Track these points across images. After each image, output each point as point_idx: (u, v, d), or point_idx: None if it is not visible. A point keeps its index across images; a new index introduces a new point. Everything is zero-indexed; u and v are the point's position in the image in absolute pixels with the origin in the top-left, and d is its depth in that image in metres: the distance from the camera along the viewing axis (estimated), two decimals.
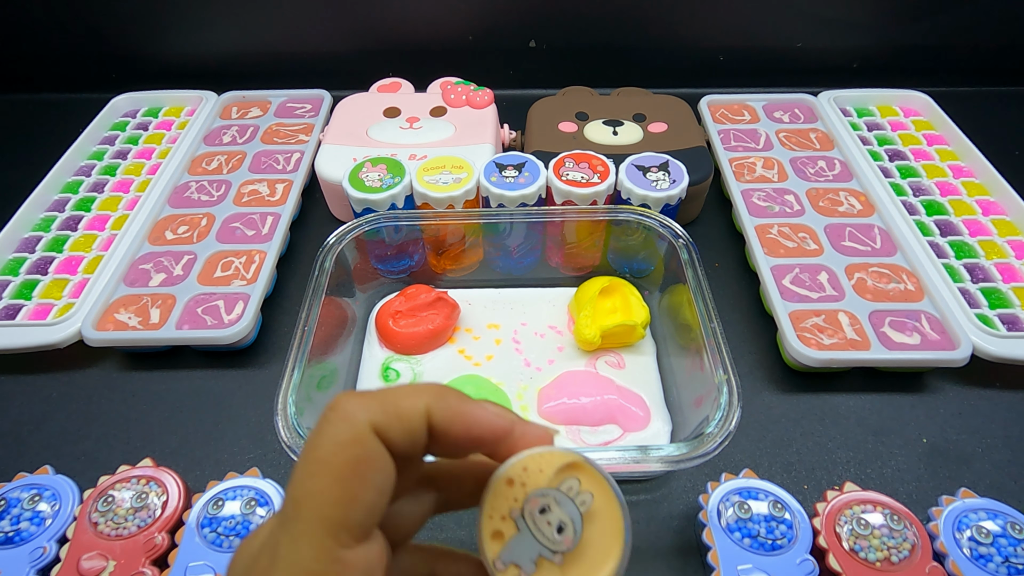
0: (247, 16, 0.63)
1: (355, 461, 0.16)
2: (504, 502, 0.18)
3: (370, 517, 0.16)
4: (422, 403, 0.17)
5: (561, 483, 0.18)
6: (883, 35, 0.64)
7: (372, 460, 0.16)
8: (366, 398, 0.17)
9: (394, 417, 0.16)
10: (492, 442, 0.18)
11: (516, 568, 0.18)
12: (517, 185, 0.46)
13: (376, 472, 0.16)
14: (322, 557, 0.15)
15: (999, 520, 0.33)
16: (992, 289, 0.44)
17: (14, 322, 0.43)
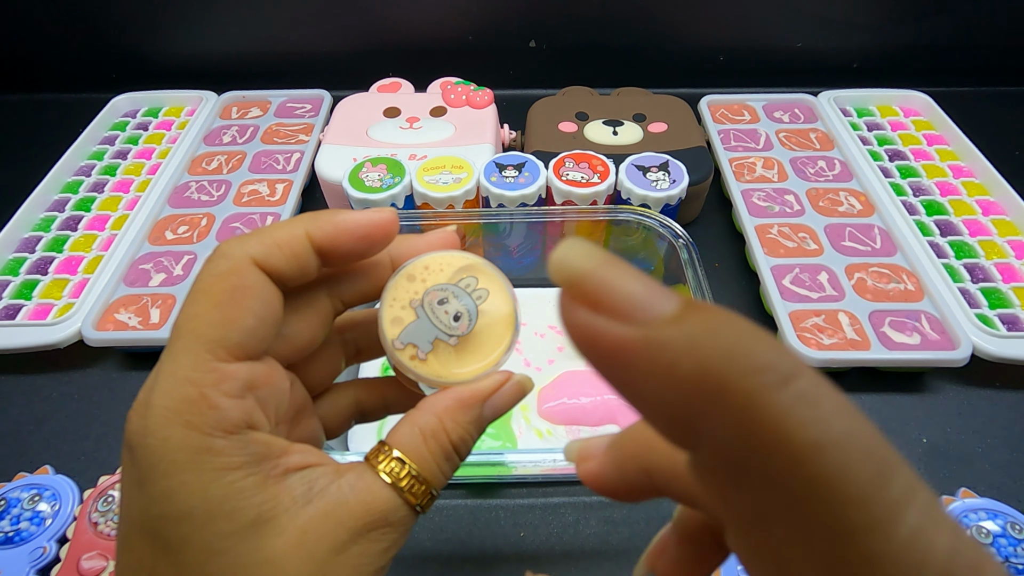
0: (247, 16, 0.63)
1: (231, 288, 0.17)
2: (405, 294, 0.20)
3: (251, 338, 0.17)
4: (299, 228, 0.18)
5: (459, 280, 0.20)
6: (883, 35, 0.64)
7: (249, 287, 0.17)
8: (245, 236, 0.18)
9: (273, 247, 0.18)
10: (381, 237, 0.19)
11: (414, 347, 0.20)
12: (517, 185, 0.46)
13: (253, 299, 0.17)
14: (200, 367, 0.16)
15: (999, 520, 0.33)
16: (992, 289, 0.44)
17: (14, 322, 0.43)
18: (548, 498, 0.37)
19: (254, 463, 0.16)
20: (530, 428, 0.39)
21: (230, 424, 0.16)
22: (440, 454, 0.19)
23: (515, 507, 0.37)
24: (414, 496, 0.18)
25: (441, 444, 0.19)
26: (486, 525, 0.36)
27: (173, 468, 0.16)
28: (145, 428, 0.16)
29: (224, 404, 0.16)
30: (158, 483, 0.16)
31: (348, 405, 0.23)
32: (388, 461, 0.18)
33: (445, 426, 0.19)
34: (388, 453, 0.18)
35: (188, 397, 0.16)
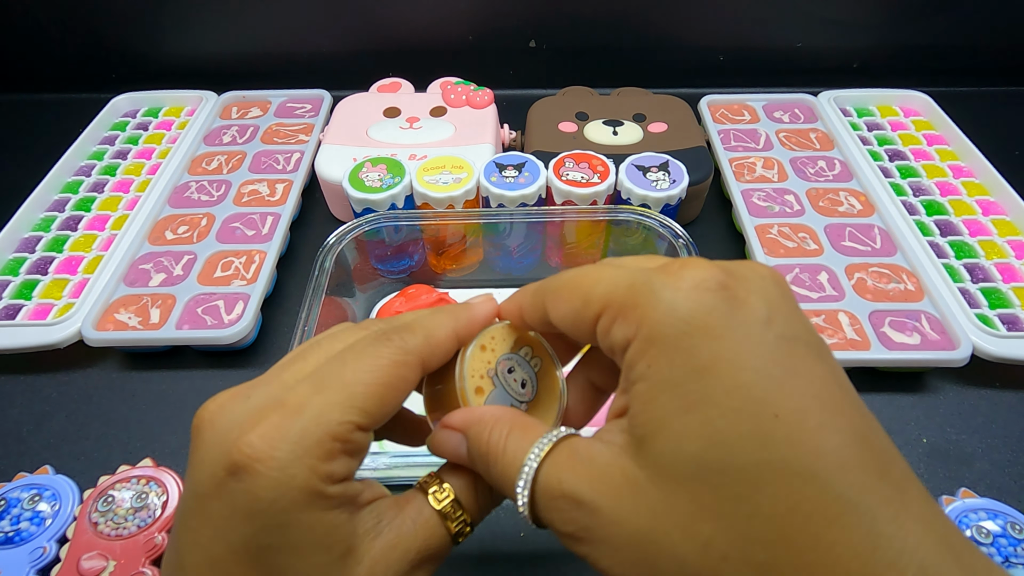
0: (247, 16, 0.63)
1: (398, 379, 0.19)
2: (480, 365, 0.22)
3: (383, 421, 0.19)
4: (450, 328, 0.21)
5: (519, 349, 0.23)
6: (883, 35, 0.64)
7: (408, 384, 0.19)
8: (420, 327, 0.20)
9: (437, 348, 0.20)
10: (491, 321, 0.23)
11: None
12: (517, 185, 0.46)
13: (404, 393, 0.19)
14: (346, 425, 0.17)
15: (999, 520, 0.33)
16: (992, 289, 0.44)
17: (14, 322, 0.43)
18: None
19: (347, 503, 0.18)
20: None
21: (339, 476, 0.17)
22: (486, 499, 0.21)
23: (515, 507, 0.36)
24: (461, 534, 0.20)
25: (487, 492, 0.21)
26: (486, 525, 0.35)
27: (292, 506, 0.16)
28: (275, 460, 0.16)
29: (341, 460, 0.18)
30: (276, 516, 0.16)
31: None
32: (446, 501, 0.20)
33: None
34: (446, 491, 0.20)
35: (323, 446, 0.17)
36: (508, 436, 0.18)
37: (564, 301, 0.19)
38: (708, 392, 0.14)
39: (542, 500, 0.17)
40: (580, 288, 0.18)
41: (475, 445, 0.19)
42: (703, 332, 0.15)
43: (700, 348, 0.15)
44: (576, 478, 0.16)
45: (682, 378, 0.15)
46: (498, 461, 0.18)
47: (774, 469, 0.13)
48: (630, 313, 0.16)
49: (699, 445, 0.14)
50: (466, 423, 0.20)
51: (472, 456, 0.19)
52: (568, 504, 0.16)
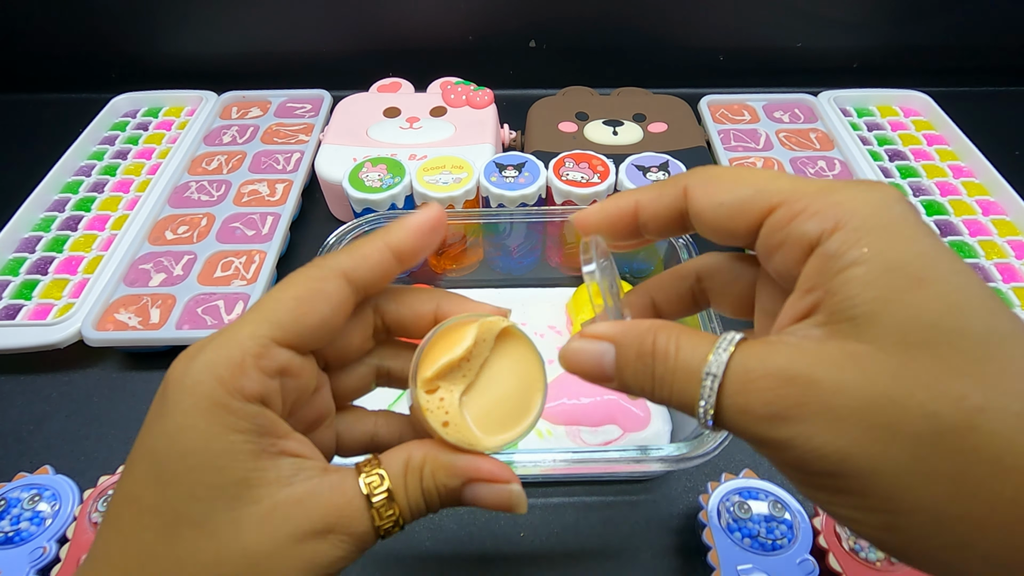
0: (247, 16, 0.63)
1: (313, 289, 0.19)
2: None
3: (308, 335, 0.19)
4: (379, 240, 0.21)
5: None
6: (883, 35, 0.64)
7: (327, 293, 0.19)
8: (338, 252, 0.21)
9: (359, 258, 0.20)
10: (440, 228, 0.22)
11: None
12: (517, 185, 0.46)
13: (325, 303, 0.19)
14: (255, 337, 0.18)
15: None
16: (992, 289, 0.44)
17: (14, 322, 0.43)
18: (548, 498, 0.37)
19: (255, 433, 0.18)
20: None
21: (249, 393, 0.18)
22: (412, 490, 0.19)
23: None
24: (380, 515, 0.19)
25: (414, 482, 0.19)
26: (486, 525, 0.36)
27: (192, 409, 0.17)
28: (186, 369, 0.18)
29: (253, 375, 0.18)
30: (176, 418, 0.17)
31: (367, 430, 0.23)
32: (372, 474, 0.19)
33: (424, 471, 0.19)
34: (375, 466, 0.19)
35: (231, 358, 0.18)
36: (679, 337, 0.18)
37: (727, 190, 0.18)
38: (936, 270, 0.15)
39: (736, 384, 0.16)
40: (749, 179, 0.18)
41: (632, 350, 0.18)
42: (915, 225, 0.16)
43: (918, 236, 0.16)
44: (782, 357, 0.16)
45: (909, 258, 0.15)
46: (669, 361, 0.17)
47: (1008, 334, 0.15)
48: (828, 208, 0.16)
49: (937, 313, 0.15)
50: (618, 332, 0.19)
51: (624, 363, 0.18)
52: (776, 382, 0.16)
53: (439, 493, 0.19)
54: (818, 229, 0.16)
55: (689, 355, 0.17)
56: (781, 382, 0.15)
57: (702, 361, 0.17)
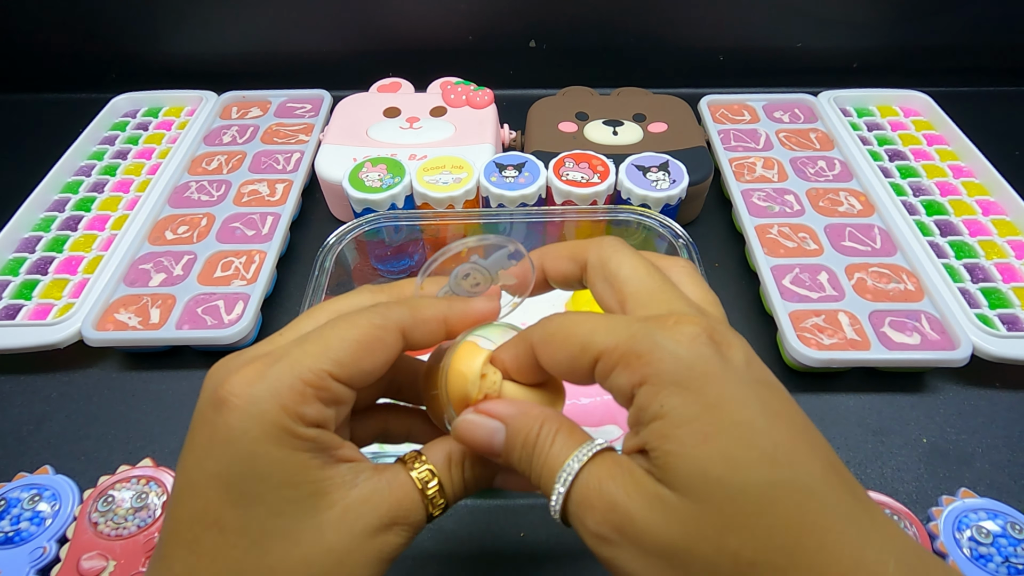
0: (247, 16, 0.63)
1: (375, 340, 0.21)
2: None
3: (360, 378, 0.20)
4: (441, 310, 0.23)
5: None
6: (883, 35, 0.64)
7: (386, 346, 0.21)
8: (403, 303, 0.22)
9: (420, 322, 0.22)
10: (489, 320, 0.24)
11: None
12: (517, 185, 0.46)
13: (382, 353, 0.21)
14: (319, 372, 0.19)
15: (999, 520, 0.33)
16: (992, 289, 0.44)
17: (14, 322, 0.43)
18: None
19: (320, 449, 0.19)
20: None
21: (310, 420, 0.19)
22: (457, 480, 0.22)
23: (515, 507, 0.37)
24: (433, 504, 0.21)
25: (457, 473, 0.22)
26: (486, 525, 0.36)
27: (262, 437, 0.18)
28: (251, 396, 0.19)
29: (314, 405, 0.19)
30: (246, 445, 0.18)
31: (377, 425, 0.25)
32: (423, 469, 0.21)
33: (464, 464, 0.22)
34: (424, 462, 0.21)
35: (295, 388, 0.19)
36: (557, 434, 0.20)
37: (557, 349, 0.20)
38: (719, 425, 0.17)
39: (579, 497, 0.18)
40: (575, 337, 0.20)
41: (518, 436, 0.20)
42: (706, 377, 0.17)
43: (707, 389, 0.17)
44: (615, 484, 0.18)
45: (696, 414, 0.17)
46: (543, 454, 0.19)
47: (784, 487, 0.16)
48: (634, 361, 0.18)
49: (719, 469, 0.16)
50: (510, 414, 0.21)
51: (511, 446, 0.20)
52: (604, 506, 0.18)
53: (476, 481, 0.22)
54: (628, 384, 0.18)
55: (556, 454, 0.19)
56: (609, 507, 0.18)
57: (559, 466, 0.19)
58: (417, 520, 0.21)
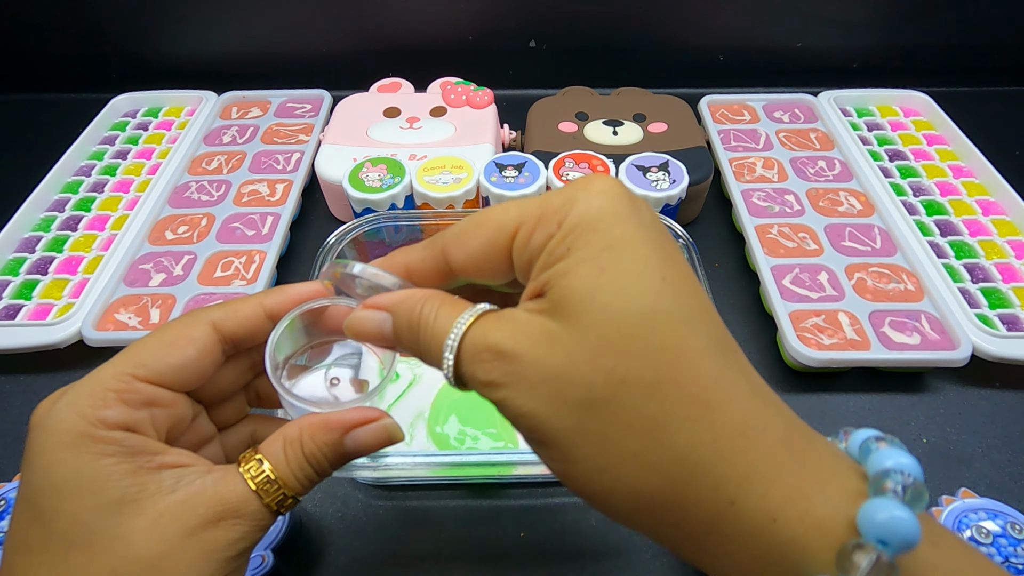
0: (247, 16, 0.63)
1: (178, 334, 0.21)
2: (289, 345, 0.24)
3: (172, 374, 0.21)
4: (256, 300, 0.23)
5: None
6: (883, 35, 0.64)
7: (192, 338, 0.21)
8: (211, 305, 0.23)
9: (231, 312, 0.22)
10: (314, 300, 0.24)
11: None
12: (517, 185, 0.46)
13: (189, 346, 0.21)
14: (118, 376, 0.20)
15: (999, 520, 0.33)
16: (992, 289, 0.44)
17: (14, 322, 0.43)
18: (548, 498, 0.37)
19: (127, 454, 0.19)
20: None
21: (113, 422, 0.19)
22: (295, 463, 0.21)
23: (515, 507, 0.37)
24: (267, 494, 0.21)
25: (296, 454, 0.21)
26: (486, 525, 0.36)
27: (56, 446, 0.19)
28: (47, 412, 0.19)
29: (116, 407, 0.19)
30: (42, 457, 0.19)
31: (246, 435, 0.25)
32: (250, 462, 0.21)
33: (303, 439, 0.21)
34: (252, 455, 0.21)
35: (94, 394, 0.19)
36: (439, 308, 0.20)
37: (474, 237, 0.21)
38: (617, 260, 0.18)
39: (467, 355, 0.19)
40: (489, 220, 0.20)
41: (404, 319, 0.21)
42: (613, 219, 0.18)
43: (611, 230, 0.18)
44: (500, 333, 0.19)
45: (597, 251, 0.18)
46: (428, 328, 0.20)
47: (664, 314, 0.17)
48: (551, 217, 0.19)
49: (608, 297, 0.17)
50: (394, 302, 0.21)
51: (399, 330, 0.21)
52: (492, 355, 0.18)
53: (324, 455, 0.21)
54: (545, 235, 0.19)
55: (441, 325, 0.20)
56: (496, 355, 0.18)
57: (446, 332, 0.19)
58: (250, 511, 0.20)
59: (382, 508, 0.37)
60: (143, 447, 0.20)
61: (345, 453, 0.22)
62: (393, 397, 0.40)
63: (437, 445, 0.38)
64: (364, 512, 0.37)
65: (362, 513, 0.37)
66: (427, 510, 0.37)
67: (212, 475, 0.20)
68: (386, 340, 0.21)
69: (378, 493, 0.37)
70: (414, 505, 0.37)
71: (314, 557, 0.35)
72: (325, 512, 0.37)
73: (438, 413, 0.39)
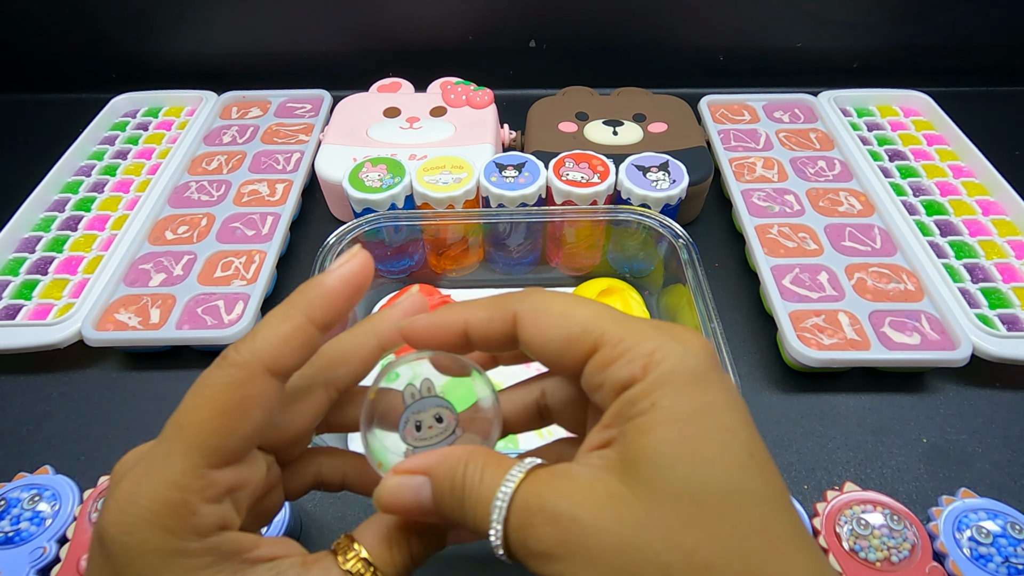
0: (247, 16, 0.63)
1: (239, 399, 0.18)
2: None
3: (245, 445, 0.18)
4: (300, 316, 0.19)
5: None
6: (883, 35, 0.64)
7: (255, 398, 0.18)
8: (253, 335, 0.19)
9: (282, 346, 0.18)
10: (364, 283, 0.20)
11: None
12: (517, 185, 0.46)
13: (257, 408, 0.18)
14: (190, 472, 0.17)
15: (999, 520, 0.33)
16: (992, 289, 0.44)
17: (14, 322, 0.43)
18: None
19: (222, 560, 0.17)
20: None
21: (205, 528, 0.17)
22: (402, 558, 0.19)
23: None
24: None
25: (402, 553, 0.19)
26: None
27: (147, 570, 0.16)
28: (125, 526, 0.17)
29: (203, 511, 0.17)
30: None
31: (311, 474, 0.23)
32: (355, 561, 0.19)
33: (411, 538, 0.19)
34: (356, 552, 0.19)
35: (171, 501, 0.17)
36: (484, 467, 0.18)
37: (552, 326, 0.19)
38: (704, 428, 0.16)
39: (517, 519, 0.17)
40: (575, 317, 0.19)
41: (445, 482, 0.18)
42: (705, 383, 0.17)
43: (702, 395, 0.17)
44: (556, 493, 0.17)
45: (684, 415, 0.17)
46: (474, 491, 0.18)
47: (751, 494, 0.16)
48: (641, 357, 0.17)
49: (690, 467, 0.16)
50: (430, 463, 0.19)
51: (439, 496, 0.18)
52: (546, 519, 0.16)
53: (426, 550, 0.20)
54: (628, 375, 0.17)
55: (488, 487, 0.17)
56: (551, 520, 0.16)
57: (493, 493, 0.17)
58: None
59: None
60: (236, 547, 0.18)
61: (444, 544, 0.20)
62: None
63: None
64: (364, 512, 0.37)
65: (362, 513, 0.37)
66: None
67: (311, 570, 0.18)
68: (425, 511, 0.19)
69: None
70: None
71: None
72: (325, 512, 0.37)
73: None
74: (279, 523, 0.33)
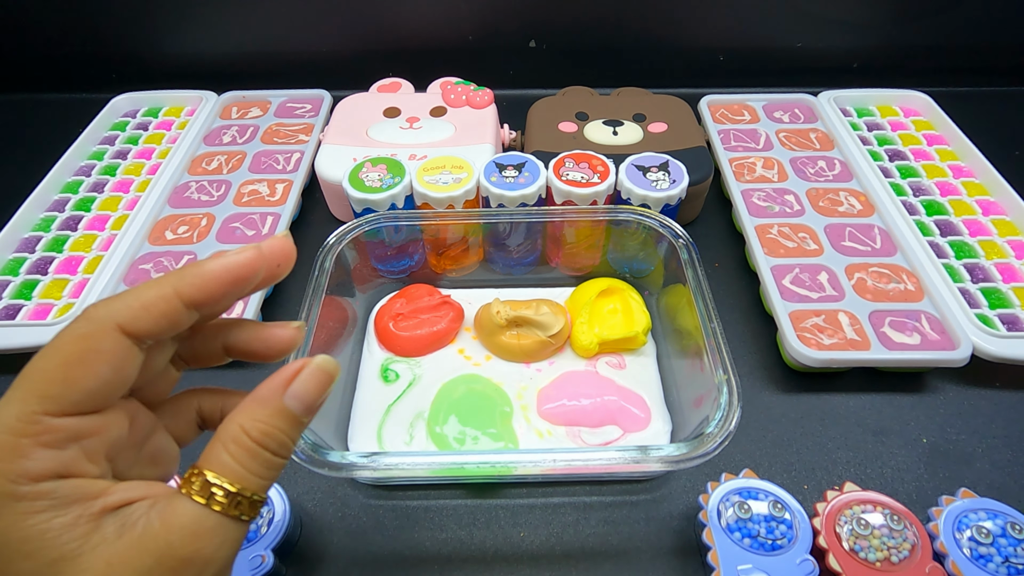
0: (247, 16, 0.63)
1: (83, 351, 0.18)
2: None
3: (89, 398, 0.18)
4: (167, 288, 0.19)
5: None
6: (883, 35, 0.64)
7: (101, 352, 0.18)
8: (114, 297, 0.19)
9: (140, 310, 0.19)
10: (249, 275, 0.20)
11: None
12: (517, 185, 0.46)
13: (103, 364, 0.18)
14: (24, 418, 0.17)
15: (999, 520, 0.33)
16: (992, 289, 0.44)
17: (14, 322, 0.43)
18: (548, 498, 0.37)
19: (62, 506, 0.17)
20: (530, 428, 0.39)
21: (37, 473, 0.17)
22: (246, 458, 0.19)
23: (515, 507, 0.37)
24: (224, 506, 0.18)
25: (243, 449, 0.19)
26: (486, 525, 0.36)
27: None
28: None
29: (37, 454, 0.17)
30: None
31: (191, 412, 0.23)
32: (196, 482, 0.19)
33: (244, 427, 0.19)
34: (197, 474, 0.19)
35: (6, 448, 0.17)
36: None
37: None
38: None
39: None
40: None
41: None
42: None
43: None
44: None
45: None
46: None
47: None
48: None
49: None
50: None
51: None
52: None
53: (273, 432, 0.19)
54: None
55: None
56: None
57: None
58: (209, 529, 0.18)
59: (382, 508, 0.37)
60: (80, 493, 0.17)
61: (294, 417, 0.20)
62: (393, 397, 0.40)
63: (437, 445, 0.38)
64: (364, 512, 0.37)
65: (362, 513, 0.37)
66: (427, 510, 0.37)
67: (156, 509, 0.18)
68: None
69: (378, 493, 0.37)
70: (414, 505, 0.37)
71: (314, 557, 0.35)
72: (325, 512, 0.37)
73: (438, 413, 0.39)
74: (278, 524, 0.33)
